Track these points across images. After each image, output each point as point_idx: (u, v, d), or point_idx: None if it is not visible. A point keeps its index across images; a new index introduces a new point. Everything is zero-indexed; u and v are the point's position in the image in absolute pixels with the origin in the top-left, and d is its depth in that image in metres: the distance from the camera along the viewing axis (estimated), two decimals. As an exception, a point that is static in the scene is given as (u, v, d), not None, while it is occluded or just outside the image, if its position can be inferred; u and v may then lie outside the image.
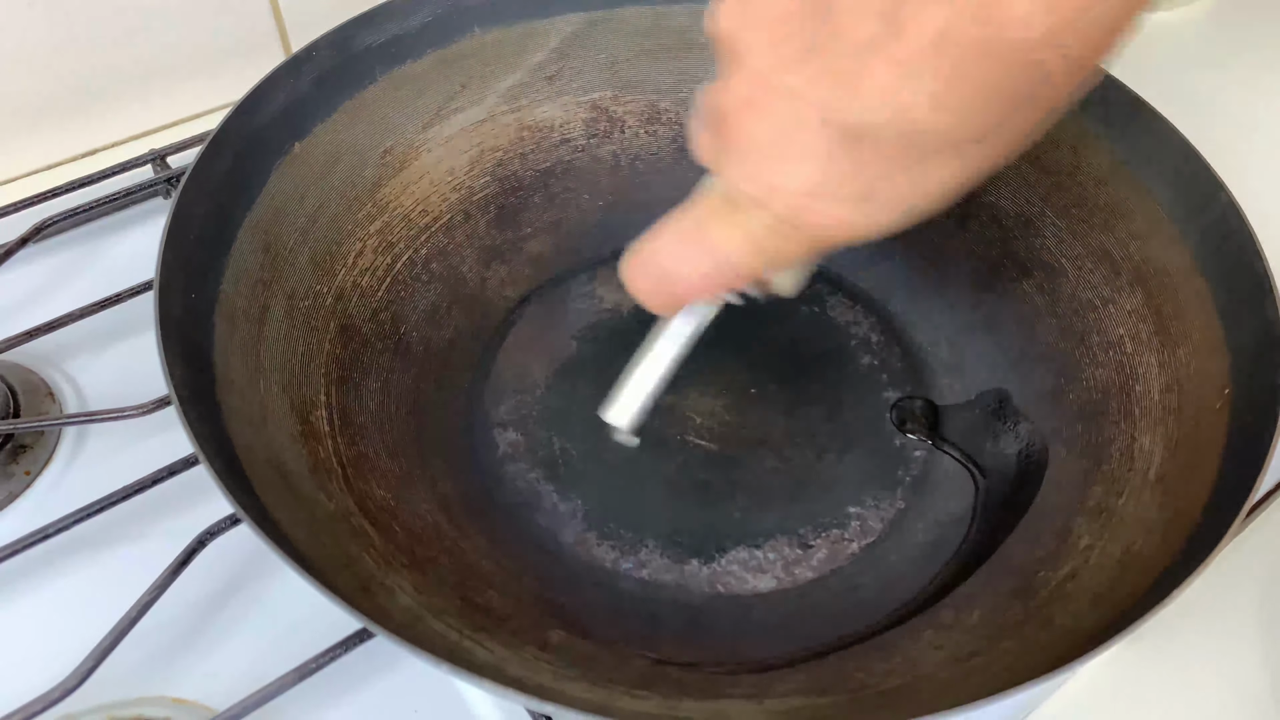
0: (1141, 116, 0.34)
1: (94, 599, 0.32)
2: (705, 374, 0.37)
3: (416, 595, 0.26)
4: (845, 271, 0.40)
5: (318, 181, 0.34)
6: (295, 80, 0.34)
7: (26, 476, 0.36)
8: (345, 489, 0.29)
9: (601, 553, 0.32)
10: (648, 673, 0.26)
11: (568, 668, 0.25)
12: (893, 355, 0.38)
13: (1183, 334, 0.30)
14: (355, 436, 0.31)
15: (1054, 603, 0.26)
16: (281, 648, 0.30)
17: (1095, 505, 0.29)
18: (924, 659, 0.26)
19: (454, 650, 0.23)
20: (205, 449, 0.23)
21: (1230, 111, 0.51)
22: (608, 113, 0.41)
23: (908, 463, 0.35)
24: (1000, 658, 0.25)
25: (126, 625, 0.29)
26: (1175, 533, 0.26)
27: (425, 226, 0.38)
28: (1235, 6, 0.59)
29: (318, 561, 0.24)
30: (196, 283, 0.29)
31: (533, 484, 0.34)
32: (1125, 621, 0.22)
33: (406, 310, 0.36)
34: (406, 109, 0.38)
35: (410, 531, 0.29)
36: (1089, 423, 0.31)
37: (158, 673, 0.31)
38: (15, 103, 0.45)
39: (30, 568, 0.33)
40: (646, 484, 0.34)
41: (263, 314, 0.31)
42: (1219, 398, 0.28)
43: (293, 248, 0.33)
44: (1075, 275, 0.34)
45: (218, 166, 0.31)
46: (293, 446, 0.28)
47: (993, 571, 0.29)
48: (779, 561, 0.32)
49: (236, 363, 0.29)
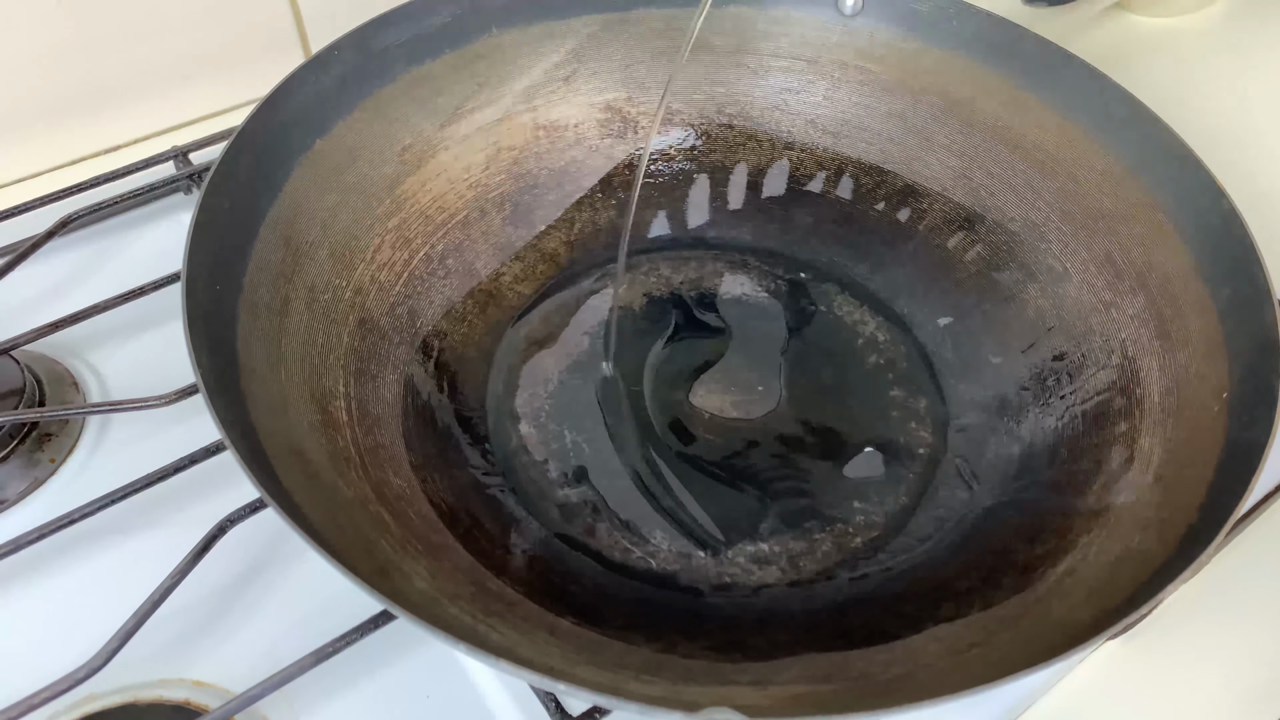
0: (1146, 124, 0.35)
1: (117, 584, 0.33)
2: (713, 371, 0.38)
3: (431, 580, 0.27)
4: (853, 272, 0.41)
5: (338, 178, 0.35)
6: (317, 79, 0.35)
7: (52, 464, 0.36)
8: (363, 477, 0.29)
9: (611, 543, 0.33)
10: (654, 659, 0.27)
11: (576, 652, 0.26)
12: (898, 355, 0.39)
13: (1183, 338, 0.31)
14: (372, 426, 0.31)
15: (1051, 598, 0.27)
16: (299, 632, 0.31)
17: (1095, 504, 0.30)
18: (924, 650, 0.27)
19: (470, 632, 0.24)
20: (231, 435, 0.24)
21: (1236, 118, 0.52)
22: (621, 113, 0.42)
23: (912, 460, 0.35)
24: (998, 649, 0.26)
25: (149, 609, 0.29)
26: (1171, 531, 0.26)
27: (442, 223, 0.38)
28: (1243, 13, 0.59)
29: (338, 546, 0.25)
30: (221, 275, 0.30)
31: (545, 475, 0.34)
32: (1118, 615, 0.22)
33: (422, 305, 0.37)
34: (425, 108, 0.38)
35: (425, 519, 0.30)
36: (1090, 423, 0.32)
37: (179, 655, 0.31)
38: (41, 99, 0.46)
39: (55, 553, 0.33)
40: (656, 477, 0.35)
41: (284, 307, 0.31)
42: (1217, 401, 0.28)
43: (313, 242, 0.34)
44: (1079, 279, 0.35)
45: (242, 163, 0.32)
46: (312, 435, 0.29)
47: (993, 567, 0.30)
48: (784, 554, 0.33)
49: (259, 353, 0.29)
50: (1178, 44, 0.57)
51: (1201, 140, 0.34)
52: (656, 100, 0.42)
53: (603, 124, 0.42)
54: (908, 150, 0.40)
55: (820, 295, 0.41)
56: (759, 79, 0.42)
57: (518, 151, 0.40)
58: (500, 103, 0.40)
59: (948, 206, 0.39)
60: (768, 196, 0.43)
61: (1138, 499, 0.29)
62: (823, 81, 0.42)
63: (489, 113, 0.40)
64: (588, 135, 0.42)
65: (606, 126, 0.42)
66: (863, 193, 0.41)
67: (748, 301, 0.41)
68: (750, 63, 0.42)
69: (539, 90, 0.41)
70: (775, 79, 0.42)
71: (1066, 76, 0.37)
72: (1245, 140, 0.49)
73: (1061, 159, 0.37)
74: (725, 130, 0.43)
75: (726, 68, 0.42)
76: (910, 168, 0.40)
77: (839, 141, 0.42)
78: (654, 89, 0.42)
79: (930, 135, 0.40)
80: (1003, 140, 0.38)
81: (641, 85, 0.42)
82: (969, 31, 0.39)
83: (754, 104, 0.42)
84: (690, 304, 0.40)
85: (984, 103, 0.39)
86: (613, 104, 0.42)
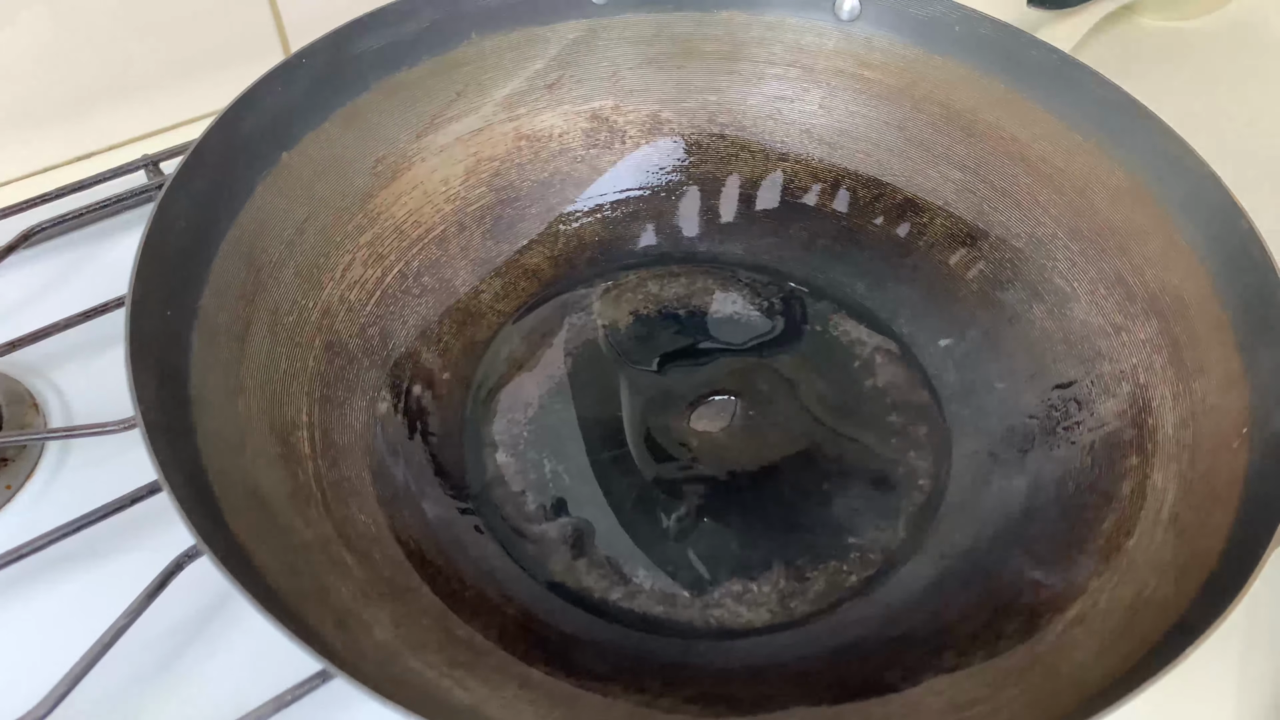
0: (1158, 135, 0.33)
1: (70, 619, 0.32)
2: (703, 394, 0.36)
3: (394, 629, 0.25)
4: (850, 290, 0.39)
5: (306, 192, 0.33)
6: (284, 87, 0.33)
7: (8, 491, 0.35)
8: (325, 514, 0.28)
9: (590, 581, 0.31)
10: (634, 714, 0.25)
11: (550, 708, 0.24)
12: (897, 378, 0.37)
13: (1199, 366, 0.29)
14: (337, 458, 0.30)
15: (1060, 649, 0.25)
16: (259, 676, 0.29)
17: (1105, 544, 0.28)
18: (924, 705, 0.25)
19: (429, 692, 0.22)
20: (169, 475, 0.22)
21: (1253, 127, 0.50)
22: (608, 122, 0.40)
23: (910, 492, 0.34)
24: (1004, 707, 0.24)
25: (99, 651, 0.28)
26: (1190, 578, 0.24)
27: (418, 238, 0.37)
28: (1258, 14, 0.57)
29: (291, 594, 0.23)
30: (175, 298, 0.28)
31: (521, 508, 0.33)
32: (1136, 680, 0.21)
33: (395, 325, 0.35)
34: (400, 117, 0.37)
35: (391, 560, 0.28)
36: (1098, 456, 0.30)
37: (131, 700, 0.30)
38: (10, 105, 0.44)
39: (7, 586, 0.32)
40: (639, 510, 0.33)
41: (244, 331, 0.30)
42: (1236, 436, 0.27)
43: (278, 261, 0.32)
44: (1087, 300, 0.33)
45: (200, 177, 0.30)
46: (270, 470, 0.27)
47: (997, 611, 0.28)
48: (774, 594, 0.31)
49: (215, 382, 0.28)
50: (1190, 48, 0.55)
51: (1216, 152, 0.32)
52: (644, 108, 0.40)
53: (588, 133, 0.40)
54: (907, 162, 0.39)
55: (816, 314, 0.39)
56: (752, 87, 0.41)
57: (499, 163, 0.39)
58: (480, 111, 0.39)
59: (949, 221, 0.38)
60: (761, 209, 0.41)
61: (1152, 540, 0.27)
62: (818, 90, 0.40)
63: (468, 122, 0.38)
64: (572, 145, 0.40)
65: (592, 136, 0.40)
66: (860, 206, 0.40)
67: (739, 320, 0.39)
68: (744, 70, 0.41)
69: (521, 98, 0.39)
70: (769, 87, 0.41)
71: (1073, 85, 0.35)
72: (1262, 152, 0.48)
73: (1069, 172, 0.35)
74: (717, 140, 0.41)
75: (719, 75, 0.41)
76: (910, 180, 0.39)
77: (835, 152, 0.40)
78: (642, 96, 0.41)
79: (931, 146, 0.38)
80: (1007, 152, 0.37)
81: (629, 93, 0.40)
82: (971, 37, 0.37)
83: (747, 113, 0.41)
84: (678, 323, 0.39)
85: (987, 112, 0.37)
86: (599, 112, 0.40)
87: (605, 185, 0.40)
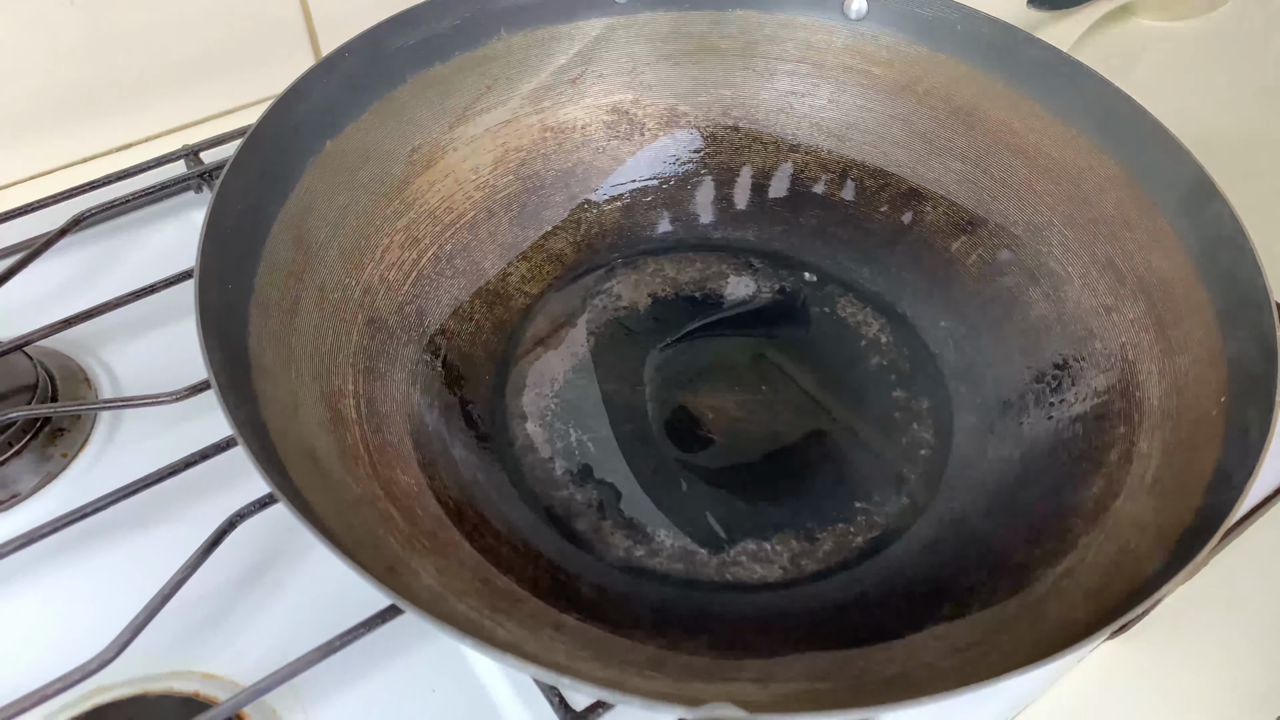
0: (1148, 129, 0.35)
1: (128, 577, 0.33)
2: (718, 371, 0.38)
3: (438, 577, 0.27)
4: (857, 274, 0.41)
5: (348, 178, 0.36)
6: (328, 80, 0.35)
7: (64, 459, 0.37)
8: (371, 474, 0.30)
9: (615, 541, 0.33)
10: (657, 656, 0.27)
11: (581, 649, 0.26)
12: (901, 356, 0.39)
13: (1182, 343, 0.31)
14: (380, 425, 0.32)
15: (1050, 598, 0.27)
16: (306, 626, 0.32)
17: (1094, 506, 0.30)
18: (924, 648, 0.27)
19: (477, 628, 0.25)
20: (243, 433, 0.25)
21: (1242, 122, 0.52)
22: (628, 115, 0.42)
23: (913, 461, 0.36)
24: (996, 647, 0.26)
25: (159, 602, 0.30)
26: (1168, 534, 0.27)
27: (450, 223, 0.39)
28: (1252, 15, 0.59)
29: (348, 543, 0.25)
30: (232, 275, 0.30)
31: (550, 474, 0.35)
32: (1113, 616, 0.23)
33: (430, 304, 0.37)
34: (434, 109, 0.39)
35: (433, 516, 0.30)
36: (1090, 426, 0.32)
37: (188, 648, 0.32)
38: (54, 97, 0.46)
39: (67, 547, 0.34)
40: (660, 476, 0.35)
41: (294, 305, 0.32)
42: (1215, 405, 0.29)
43: (323, 242, 0.34)
44: (1080, 283, 0.35)
45: (254, 163, 0.32)
46: (322, 433, 0.29)
47: (993, 568, 0.30)
48: (786, 554, 0.33)
49: (270, 352, 0.30)
50: (1184, 47, 0.57)
51: (1205, 145, 0.34)
52: (663, 102, 0.43)
53: (609, 126, 0.42)
54: (911, 153, 0.41)
55: (824, 297, 0.41)
56: (765, 82, 0.43)
57: (525, 153, 0.41)
58: (508, 104, 0.41)
59: (950, 210, 0.40)
60: (773, 198, 0.43)
61: (1136, 501, 0.29)
62: (827, 85, 0.42)
63: (497, 114, 0.40)
64: (594, 137, 0.42)
65: (613, 128, 0.42)
66: (866, 195, 0.42)
67: (751, 302, 0.41)
68: (757, 66, 0.43)
69: (546, 92, 0.41)
70: (781, 82, 0.43)
71: (1070, 81, 0.37)
72: (1250, 145, 0.49)
73: (1064, 163, 0.37)
74: (731, 133, 0.43)
75: (733, 70, 0.43)
76: (914, 171, 0.41)
77: (843, 144, 0.42)
78: (660, 91, 0.43)
79: (933, 139, 0.40)
80: (1006, 144, 0.39)
81: (648, 87, 0.42)
82: (972, 36, 0.39)
83: (760, 107, 0.43)
84: (694, 305, 0.41)
85: (987, 107, 0.39)
86: (619, 106, 0.42)
87: (625, 175, 0.43)
